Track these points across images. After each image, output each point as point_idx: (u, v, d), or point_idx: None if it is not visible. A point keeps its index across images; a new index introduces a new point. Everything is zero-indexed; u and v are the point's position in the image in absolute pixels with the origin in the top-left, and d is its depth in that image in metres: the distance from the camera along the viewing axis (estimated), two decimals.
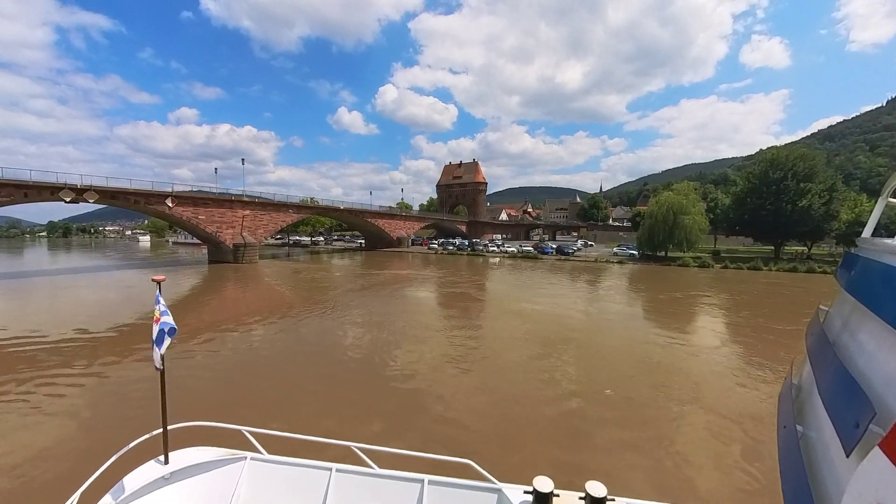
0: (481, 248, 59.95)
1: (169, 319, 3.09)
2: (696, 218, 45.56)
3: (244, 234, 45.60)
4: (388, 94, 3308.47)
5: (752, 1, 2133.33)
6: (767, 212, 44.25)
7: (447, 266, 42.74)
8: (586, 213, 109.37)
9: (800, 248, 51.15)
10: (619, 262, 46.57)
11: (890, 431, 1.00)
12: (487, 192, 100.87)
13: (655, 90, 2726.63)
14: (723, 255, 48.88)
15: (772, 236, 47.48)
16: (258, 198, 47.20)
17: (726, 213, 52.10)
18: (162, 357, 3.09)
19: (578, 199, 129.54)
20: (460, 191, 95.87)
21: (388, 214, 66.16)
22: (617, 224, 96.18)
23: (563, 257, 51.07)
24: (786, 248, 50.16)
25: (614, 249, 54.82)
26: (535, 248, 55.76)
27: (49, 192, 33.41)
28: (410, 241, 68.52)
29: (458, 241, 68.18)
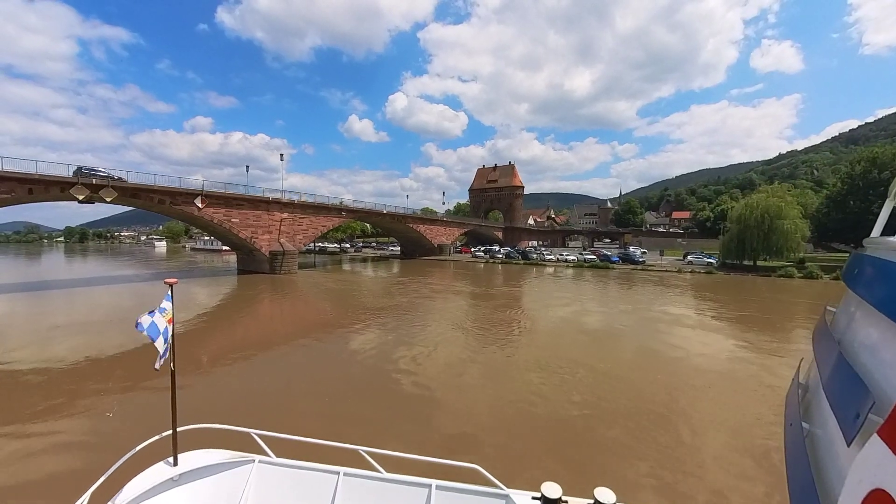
0: (535, 255, 54.19)
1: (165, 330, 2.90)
2: (798, 222, 39.94)
3: (282, 240, 40.30)
4: (397, 102, 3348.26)
5: (763, 6, 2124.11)
6: (876, 216, 38.70)
7: (526, 281, 37.04)
8: (620, 218, 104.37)
9: None
10: (708, 273, 40.78)
11: (888, 418, 1.01)
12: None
13: (665, 96, 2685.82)
14: (807, 262, 43.00)
15: None
16: (298, 199, 41.88)
17: (817, 217, 46.43)
18: (171, 359, 3.04)
19: (609, 205, 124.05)
20: (496, 195, 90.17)
21: (429, 220, 60.81)
22: (661, 230, 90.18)
23: (635, 266, 45.29)
24: None
25: (688, 257, 49.04)
26: (598, 257, 50.09)
27: (59, 188, 27.81)
28: (452, 248, 62.98)
29: (498, 248, 62.58)
